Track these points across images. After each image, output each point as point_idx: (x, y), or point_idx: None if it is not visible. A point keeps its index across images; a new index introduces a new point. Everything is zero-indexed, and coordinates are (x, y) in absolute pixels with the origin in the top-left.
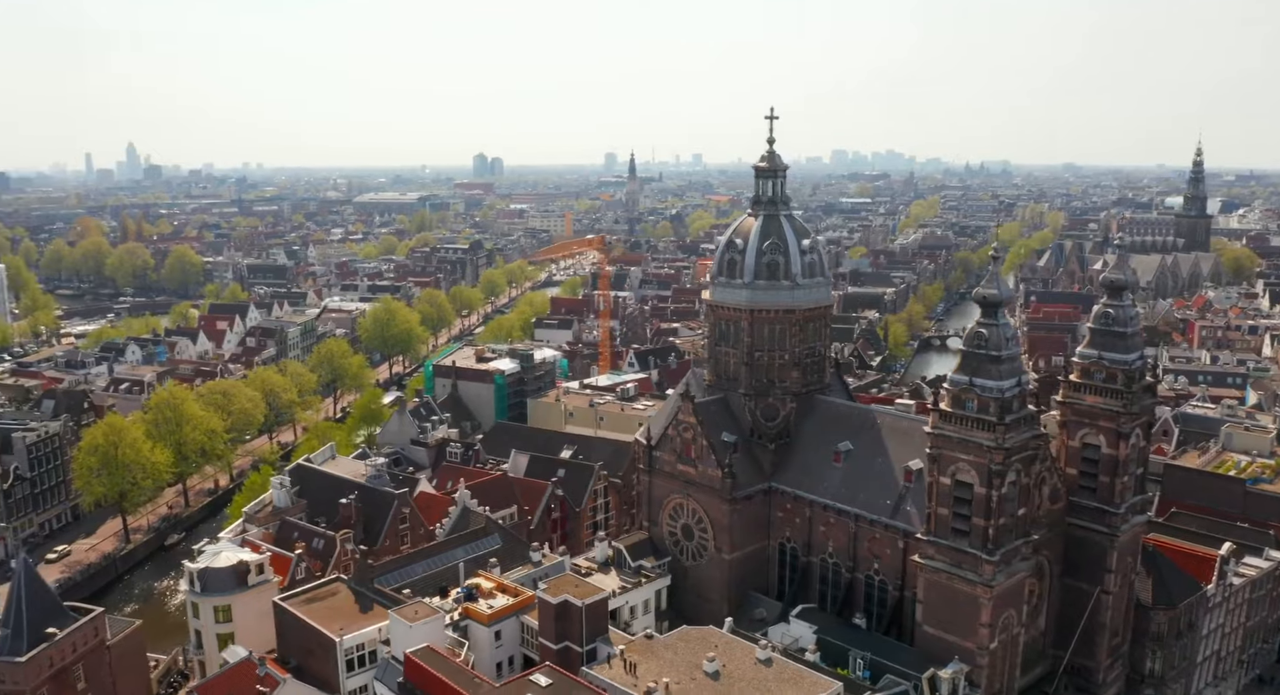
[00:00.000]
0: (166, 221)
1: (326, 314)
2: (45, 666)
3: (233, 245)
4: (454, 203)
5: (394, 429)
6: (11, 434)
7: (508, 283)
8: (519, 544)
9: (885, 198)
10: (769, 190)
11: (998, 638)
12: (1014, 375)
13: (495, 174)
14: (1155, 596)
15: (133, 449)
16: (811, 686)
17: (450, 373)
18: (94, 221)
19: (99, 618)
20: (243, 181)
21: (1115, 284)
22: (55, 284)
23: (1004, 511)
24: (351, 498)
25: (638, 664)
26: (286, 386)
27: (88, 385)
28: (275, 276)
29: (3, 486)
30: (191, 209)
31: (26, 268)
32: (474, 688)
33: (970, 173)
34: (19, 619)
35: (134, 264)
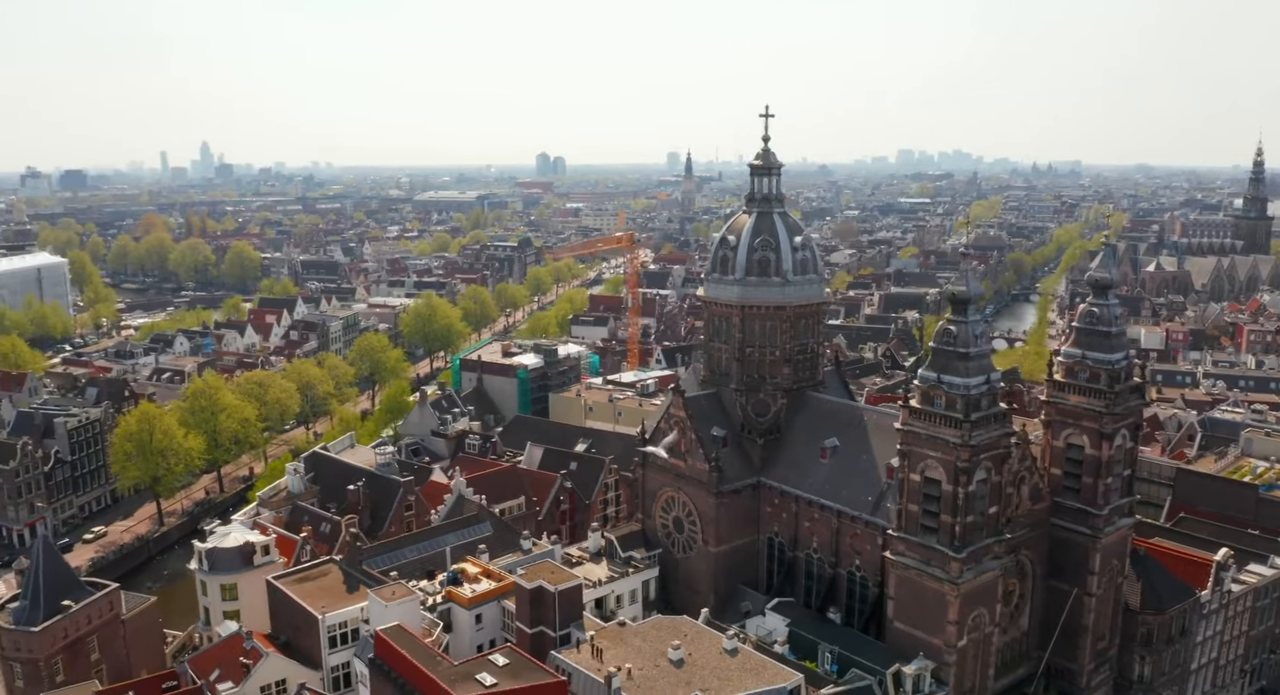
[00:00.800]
0: (232, 218)
1: (371, 309)
2: (60, 637)
3: (292, 242)
4: (512, 201)
5: (415, 420)
6: (54, 419)
7: (555, 281)
8: (510, 532)
9: (946, 198)
10: (763, 188)
11: (967, 636)
12: (982, 373)
13: (557, 173)
14: (1144, 601)
15: (166, 435)
16: (773, 677)
17: (476, 367)
18: (159, 218)
19: (114, 593)
20: (309, 180)
21: (1100, 283)
22: (121, 278)
23: (972, 509)
24: (359, 485)
25: (605, 649)
26: (323, 379)
27: (133, 375)
28: (327, 272)
29: (44, 469)
30: (257, 206)
31: (92, 262)
32: (434, 665)
33: (1037, 173)
34: (36, 592)
35: (195, 259)
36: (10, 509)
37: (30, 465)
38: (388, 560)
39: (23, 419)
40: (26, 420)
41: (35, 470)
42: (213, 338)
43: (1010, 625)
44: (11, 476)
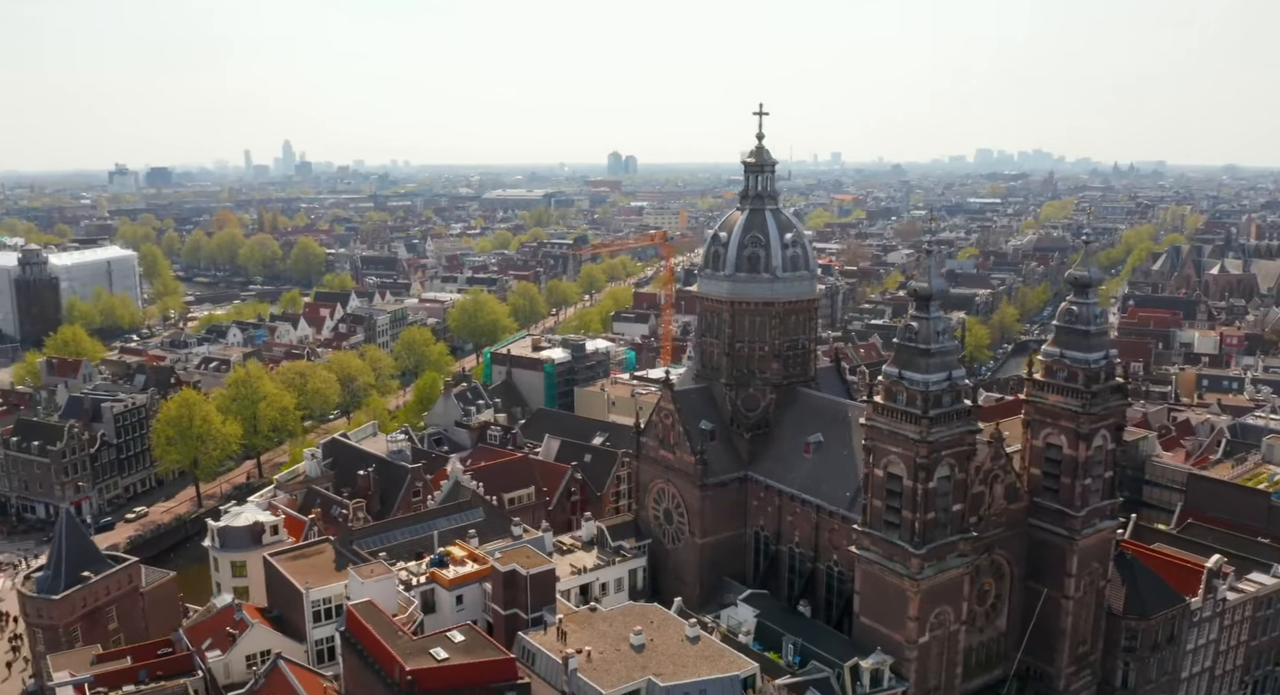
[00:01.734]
0: (304, 215)
1: (421, 304)
2: (78, 605)
3: (359, 238)
4: (578, 200)
5: (440, 411)
6: (101, 404)
7: (608, 278)
8: (503, 519)
9: (1019, 198)
10: (756, 185)
11: (929, 633)
12: (944, 369)
13: (629, 172)
14: (1127, 605)
15: (205, 421)
16: (728, 665)
17: (505, 361)
18: (232, 214)
19: (133, 567)
20: (384, 178)
21: (1079, 281)
22: (195, 272)
23: (934, 506)
24: (369, 470)
25: (571, 632)
26: (364, 370)
27: (184, 363)
28: (386, 268)
29: (90, 451)
30: (330, 203)
31: (163, 256)
32: (394, 639)
33: (1118, 173)
34: (58, 563)
35: (264, 254)
36: (57, 488)
37: (77, 447)
38: (378, 541)
39: (73, 403)
40: (76, 405)
41: (82, 452)
42: (265, 330)
43: (986, 625)
44: (59, 457)
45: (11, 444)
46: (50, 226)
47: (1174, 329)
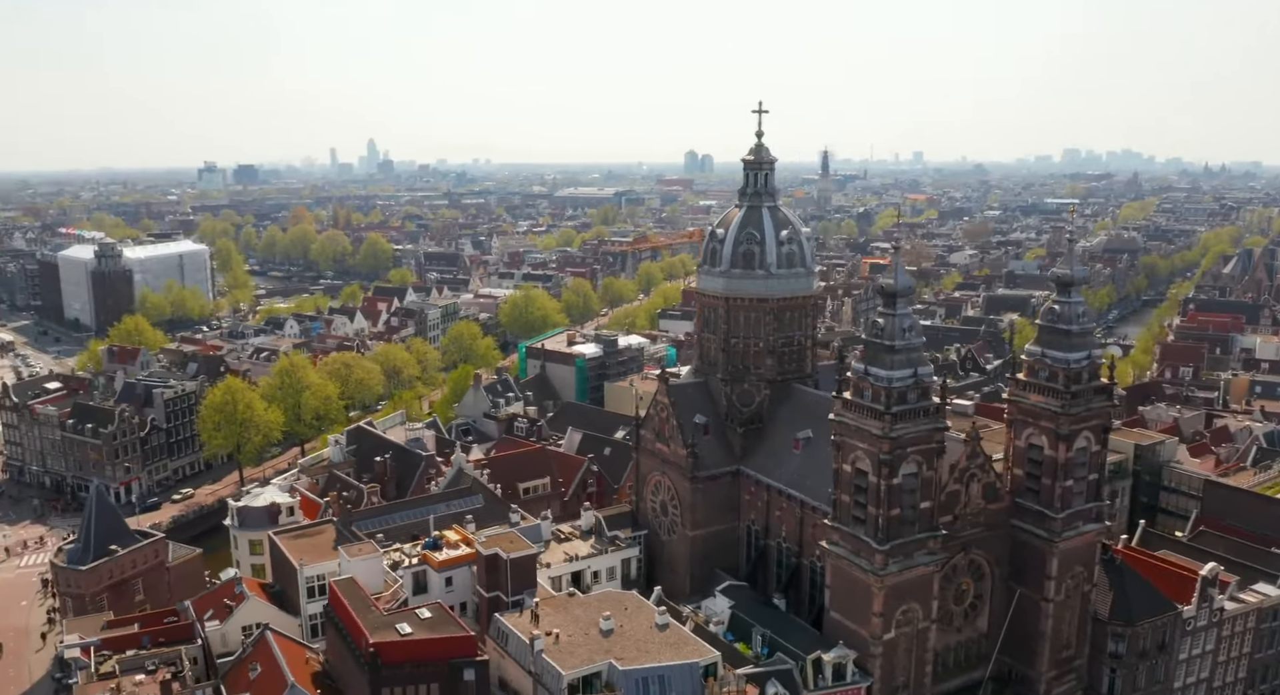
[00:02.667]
0: (379, 212)
1: (476, 299)
2: (105, 577)
3: (429, 235)
4: (649, 198)
5: (469, 403)
6: (153, 390)
7: (666, 276)
8: (500, 505)
9: (1099, 199)
10: (754, 182)
11: (895, 630)
12: (909, 366)
13: (704, 171)
14: (1113, 611)
15: (248, 408)
16: (691, 653)
17: (540, 355)
18: (306, 211)
19: (159, 542)
20: (462, 176)
21: (1062, 279)
22: (270, 266)
23: (899, 502)
24: (386, 457)
25: (545, 616)
26: (409, 362)
27: (239, 353)
28: (448, 264)
29: (140, 435)
30: (406, 201)
31: (237, 251)
32: (366, 614)
33: (1208, 174)
34: (88, 536)
35: (334, 250)
36: (109, 468)
37: (128, 430)
38: (377, 524)
39: (127, 389)
40: (130, 390)
41: (132, 435)
42: (322, 322)
43: (965, 625)
44: (110, 439)
45: (68, 426)
46: (136, 221)
47: (1234, 334)
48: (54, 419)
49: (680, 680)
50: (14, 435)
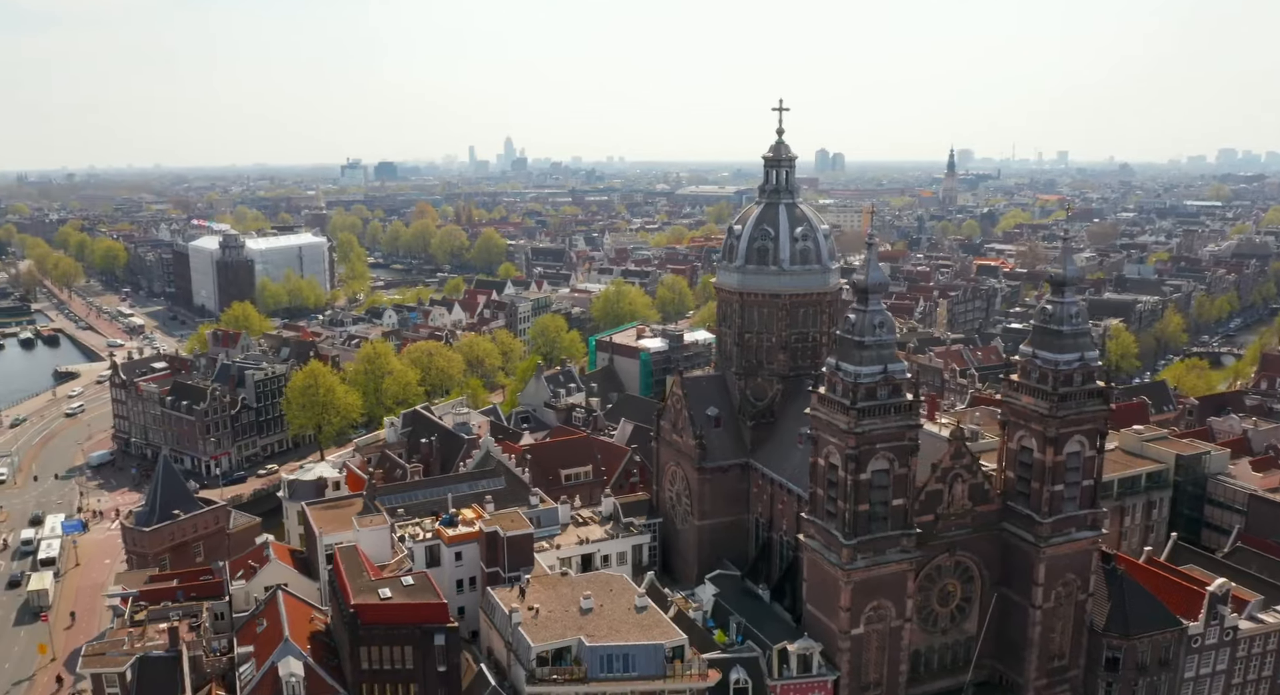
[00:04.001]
0: (503, 208)
1: (572, 293)
2: (168, 538)
3: (546, 231)
4: None
5: (531, 392)
6: (245, 372)
7: None
8: (523, 487)
9: (1245, 201)
10: (774, 179)
11: (865, 626)
12: (879, 362)
13: (835, 169)
14: (1109, 622)
15: (328, 391)
16: (660, 634)
17: (608, 348)
18: (430, 206)
19: (220, 510)
20: (592, 174)
21: (1055, 280)
22: (393, 259)
23: (865, 498)
24: (432, 439)
25: (532, 592)
26: (491, 353)
27: (334, 340)
28: (554, 259)
29: (231, 413)
30: (532, 197)
31: (358, 244)
32: (356, 578)
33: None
34: (154, 501)
35: (452, 244)
36: (200, 443)
37: (219, 408)
38: (400, 499)
39: (223, 370)
40: (225, 371)
41: (223, 413)
42: (420, 313)
43: (951, 627)
44: (202, 415)
45: (167, 402)
46: (275, 215)
47: None
48: (155, 395)
49: (644, 659)
50: (122, 410)
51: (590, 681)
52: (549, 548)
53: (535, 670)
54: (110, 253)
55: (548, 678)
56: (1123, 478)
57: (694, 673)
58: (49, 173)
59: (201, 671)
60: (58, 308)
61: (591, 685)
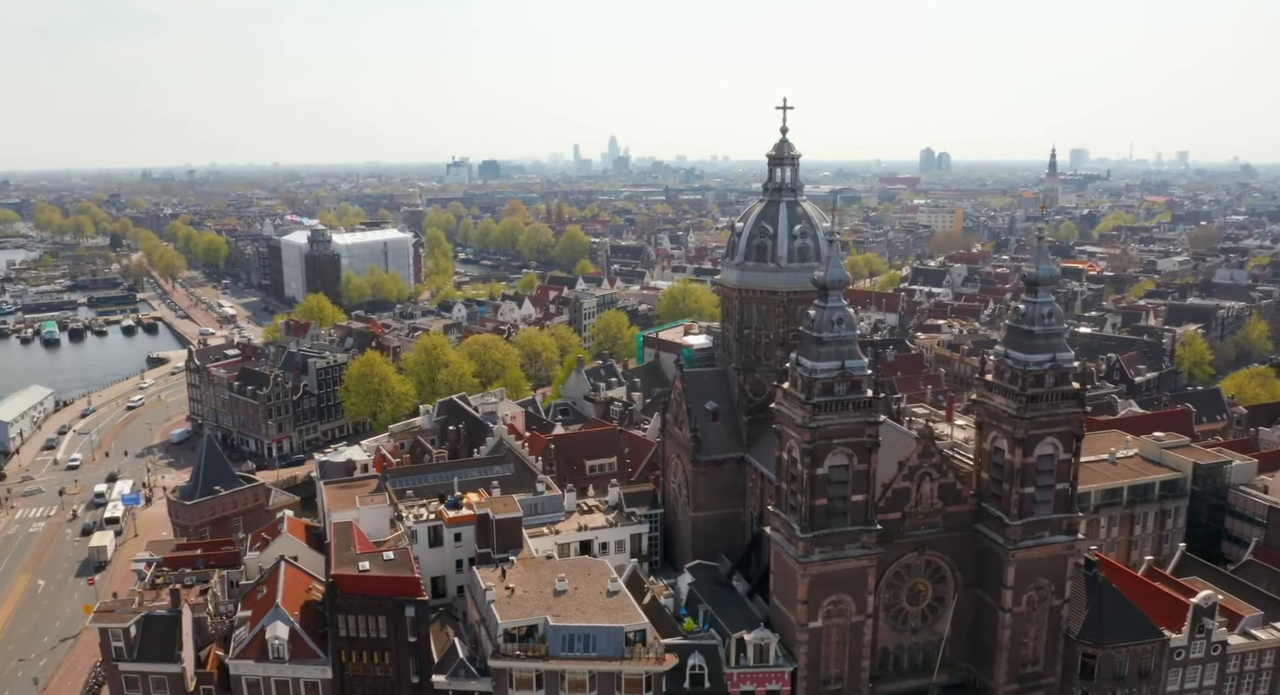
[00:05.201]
0: (596, 206)
1: (642, 290)
2: (208, 512)
3: (634, 229)
4: (865, 197)
5: (572, 385)
6: (308, 359)
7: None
8: (530, 475)
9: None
10: (777, 177)
11: (824, 620)
12: (836, 358)
13: (941, 168)
14: (1084, 629)
15: (383, 380)
16: (624, 618)
17: (655, 343)
18: (521, 204)
19: (259, 487)
20: (691, 173)
21: (1028, 279)
22: (483, 255)
23: (823, 492)
24: (459, 426)
25: (513, 572)
26: (549, 347)
27: (401, 331)
28: (633, 257)
29: (293, 398)
30: (626, 196)
31: (445, 240)
32: (343, 550)
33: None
34: (197, 477)
35: (538, 241)
36: (263, 426)
37: (281, 394)
38: (410, 481)
39: (289, 358)
40: (290, 359)
41: (285, 398)
42: (489, 307)
43: (921, 627)
44: (265, 400)
45: (234, 387)
46: (375, 211)
47: None
48: (224, 381)
49: (605, 641)
50: (196, 394)
51: (551, 659)
52: (549, 533)
53: (501, 646)
54: (212, 246)
55: (511, 653)
56: (1133, 485)
57: (651, 656)
58: (172, 169)
59: (205, 632)
60: (161, 297)
61: (552, 662)
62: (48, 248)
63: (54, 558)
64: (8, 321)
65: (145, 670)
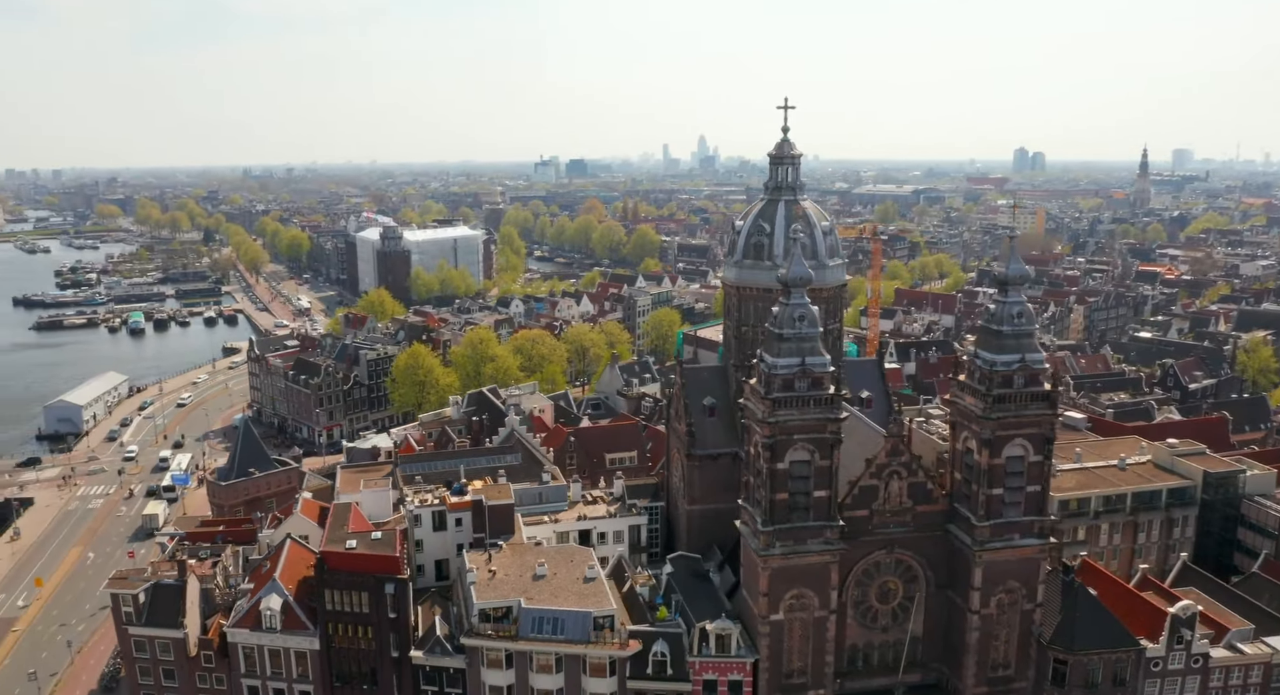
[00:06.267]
0: (674, 205)
1: (700, 289)
2: (242, 493)
3: (708, 228)
4: (950, 197)
5: (606, 380)
6: (360, 351)
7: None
8: (537, 465)
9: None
10: (778, 177)
11: (785, 613)
12: (797, 355)
13: (1035, 169)
14: (1055, 635)
15: (428, 372)
16: (594, 603)
17: (694, 342)
18: (599, 203)
19: (293, 471)
20: None
21: (998, 278)
22: (558, 252)
23: (784, 487)
24: (483, 417)
25: (499, 556)
26: (596, 343)
27: (455, 325)
28: (698, 255)
29: (344, 388)
30: (707, 195)
31: (518, 237)
32: (337, 529)
33: None
34: (233, 459)
35: (611, 239)
36: (315, 413)
37: (332, 383)
38: (420, 468)
39: (342, 349)
40: (343, 351)
41: (336, 387)
42: (546, 304)
43: (892, 626)
44: (316, 389)
45: (289, 376)
46: (457, 208)
47: None
48: (280, 370)
49: (573, 624)
50: (256, 382)
51: (520, 640)
52: (549, 521)
53: (475, 625)
54: (295, 241)
55: (484, 632)
56: (1137, 492)
57: (616, 642)
58: (272, 168)
59: (213, 602)
60: (244, 290)
61: (521, 643)
62: (145, 242)
63: (106, 532)
64: (98, 311)
65: (152, 634)
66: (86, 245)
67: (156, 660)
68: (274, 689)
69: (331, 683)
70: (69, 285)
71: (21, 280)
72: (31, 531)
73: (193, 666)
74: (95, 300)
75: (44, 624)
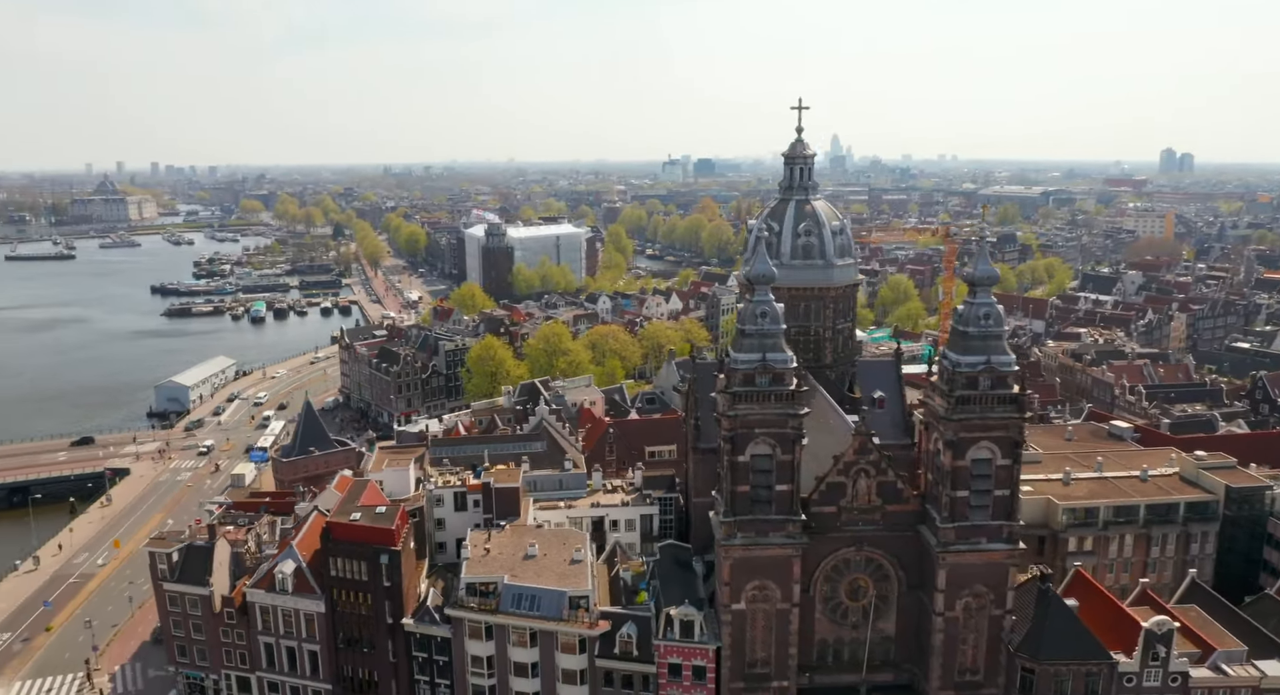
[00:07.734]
0: None
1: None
2: (302, 470)
3: None
4: (1081, 199)
5: (664, 376)
6: (439, 341)
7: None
8: (560, 452)
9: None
10: (791, 177)
11: (747, 603)
12: (758, 351)
13: (1182, 170)
14: (1023, 643)
15: (499, 363)
16: (572, 584)
17: None
18: (712, 202)
19: (350, 450)
20: (906, 172)
21: (966, 279)
22: (667, 251)
23: (745, 480)
24: (528, 406)
25: (499, 535)
26: (672, 339)
27: (536, 319)
28: None
29: (422, 376)
30: (828, 194)
31: (625, 235)
32: (345, 507)
33: None
34: (295, 438)
35: (719, 238)
36: (393, 400)
37: (410, 371)
38: (449, 451)
39: (424, 340)
40: (425, 341)
41: (415, 376)
42: (634, 301)
43: (861, 623)
44: (396, 377)
45: (372, 364)
46: (576, 206)
47: None
48: (365, 358)
49: (548, 602)
50: (345, 369)
51: (498, 614)
52: (564, 507)
53: (462, 598)
54: (413, 237)
55: (467, 604)
56: (1150, 504)
57: (586, 621)
58: (411, 165)
59: (243, 565)
60: (363, 283)
61: (499, 617)
62: (280, 236)
63: (189, 501)
64: (225, 300)
65: (182, 591)
66: (228, 238)
67: (186, 614)
68: (286, 647)
69: (335, 644)
70: (204, 275)
71: (164, 270)
72: (122, 499)
73: (217, 622)
74: (224, 290)
75: (116, 581)
